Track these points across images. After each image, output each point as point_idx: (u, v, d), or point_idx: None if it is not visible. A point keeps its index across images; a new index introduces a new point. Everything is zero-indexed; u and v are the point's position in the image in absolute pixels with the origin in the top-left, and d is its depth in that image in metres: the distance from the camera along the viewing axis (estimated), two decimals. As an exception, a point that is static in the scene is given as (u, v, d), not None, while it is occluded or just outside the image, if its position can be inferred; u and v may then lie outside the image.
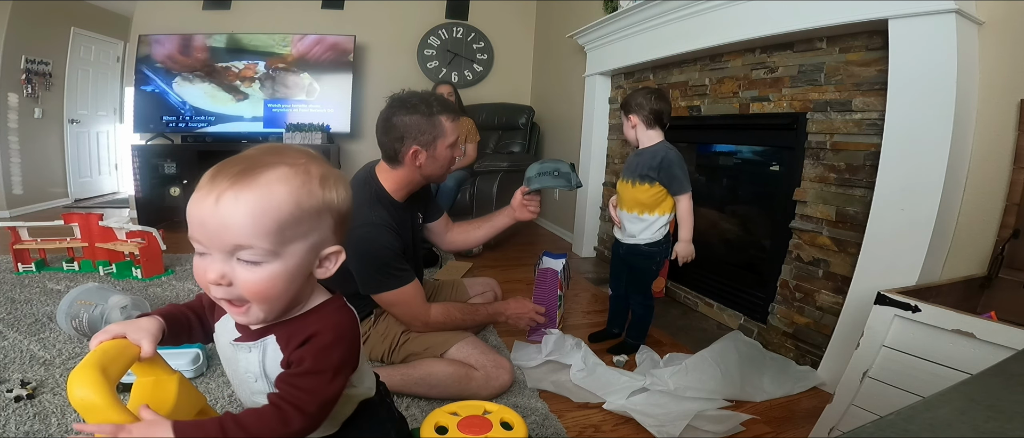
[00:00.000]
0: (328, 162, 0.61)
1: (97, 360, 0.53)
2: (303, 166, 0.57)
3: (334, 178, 0.59)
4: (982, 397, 0.44)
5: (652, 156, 1.56)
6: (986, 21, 1.29)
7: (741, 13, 1.83)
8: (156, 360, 0.63)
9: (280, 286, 0.56)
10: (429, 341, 1.41)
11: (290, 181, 0.54)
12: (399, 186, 1.38)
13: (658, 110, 1.57)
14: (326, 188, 0.57)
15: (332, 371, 0.58)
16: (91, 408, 0.50)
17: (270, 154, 0.57)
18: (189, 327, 0.69)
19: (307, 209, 0.55)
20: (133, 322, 0.60)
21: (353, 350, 0.62)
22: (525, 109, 3.82)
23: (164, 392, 0.63)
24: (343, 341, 0.60)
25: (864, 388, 1.14)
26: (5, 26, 3.62)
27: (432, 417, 0.86)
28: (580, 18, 3.13)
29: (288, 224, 0.54)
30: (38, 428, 1.14)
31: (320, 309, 0.62)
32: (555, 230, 3.83)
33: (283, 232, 0.54)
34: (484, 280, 1.87)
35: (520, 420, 0.86)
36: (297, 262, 0.56)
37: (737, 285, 2.07)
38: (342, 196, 0.59)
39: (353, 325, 0.63)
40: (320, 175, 0.57)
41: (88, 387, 0.50)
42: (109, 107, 5.06)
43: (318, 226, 0.57)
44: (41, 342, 1.57)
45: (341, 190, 0.59)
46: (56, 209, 4.13)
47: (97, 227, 2.29)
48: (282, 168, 0.55)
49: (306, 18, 3.84)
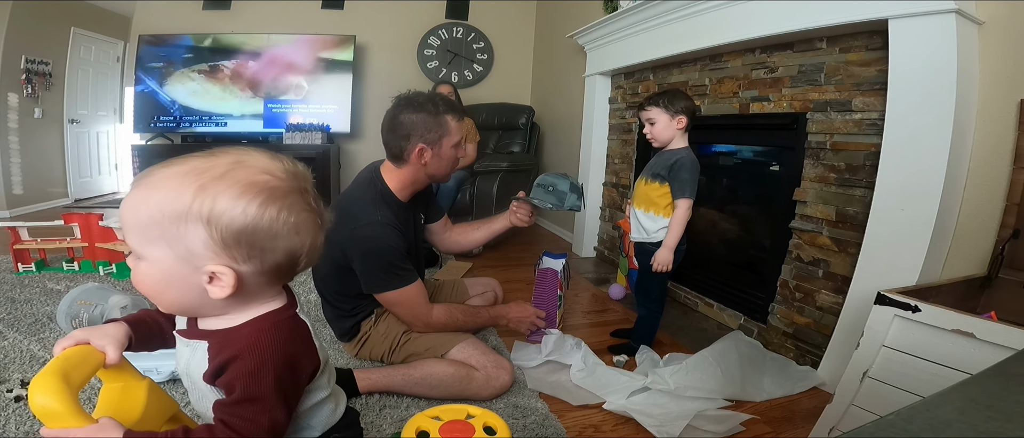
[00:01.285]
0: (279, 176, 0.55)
1: (58, 367, 0.52)
2: (197, 172, 0.52)
3: (239, 193, 0.52)
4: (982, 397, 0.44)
5: (670, 156, 1.56)
6: (986, 21, 1.29)
7: (741, 13, 1.83)
8: (124, 366, 0.62)
9: (153, 285, 0.55)
10: (430, 341, 1.41)
11: (166, 184, 0.52)
12: (403, 185, 1.39)
13: (690, 108, 1.56)
14: (200, 197, 0.51)
15: (266, 398, 0.54)
16: (52, 415, 0.50)
17: (197, 156, 0.54)
18: (161, 333, 0.67)
19: (168, 213, 0.51)
20: (98, 328, 0.60)
21: (288, 370, 0.57)
22: (525, 109, 3.82)
23: (132, 399, 0.62)
24: (267, 366, 0.55)
25: (864, 388, 1.15)
26: (5, 26, 3.62)
27: (413, 421, 0.83)
28: (580, 18, 3.13)
29: (146, 225, 0.52)
30: (38, 428, 1.14)
31: (249, 325, 0.58)
32: (555, 230, 3.83)
33: (143, 232, 0.53)
34: (484, 280, 1.87)
35: (503, 424, 0.84)
36: (165, 267, 0.53)
37: (737, 285, 2.07)
38: (237, 211, 0.51)
39: (279, 344, 0.57)
40: (201, 185, 0.51)
41: (48, 394, 0.50)
42: (109, 107, 5.05)
43: (181, 234, 0.51)
44: (41, 342, 1.57)
45: (238, 205, 0.51)
46: (56, 209, 4.13)
47: (97, 227, 2.29)
48: (173, 170, 0.53)
49: (306, 18, 3.84)
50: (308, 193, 0.57)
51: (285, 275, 0.59)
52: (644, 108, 1.59)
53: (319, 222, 0.58)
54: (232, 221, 0.52)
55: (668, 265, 1.54)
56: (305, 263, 0.59)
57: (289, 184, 0.56)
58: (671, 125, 1.55)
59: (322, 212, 0.60)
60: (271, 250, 0.55)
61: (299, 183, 0.57)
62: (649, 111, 1.57)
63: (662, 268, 1.55)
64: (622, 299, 2.31)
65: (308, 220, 0.56)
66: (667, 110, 1.54)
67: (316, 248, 0.59)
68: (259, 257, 0.54)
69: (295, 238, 0.56)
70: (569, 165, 3.47)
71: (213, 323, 0.59)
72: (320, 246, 0.60)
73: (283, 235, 0.55)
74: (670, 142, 1.58)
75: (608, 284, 2.47)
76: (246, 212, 0.52)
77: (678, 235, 1.54)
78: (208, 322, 0.60)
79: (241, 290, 0.55)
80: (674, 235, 1.53)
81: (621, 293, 2.32)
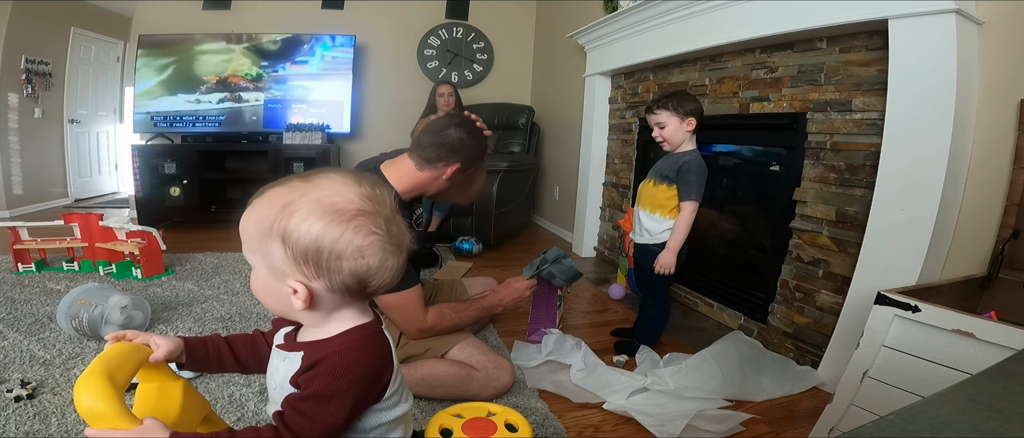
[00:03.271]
0: (349, 199, 0.57)
1: (103, 367, 0.52)
2: (287, 192, 0.57)
3: (308, 213, 0.55)
4: (982, 397, 0.44)
5: (678, 159, 1.55)
6: (986, 21, 1.29)
7: (741, 13, 1.83)
8: (160, 366, 0.63)
9: (257, 291, 0.61)
10: (430, 342, 1.41)
11: (264, 201, 0.58)
12: (412, 187, 1.38)
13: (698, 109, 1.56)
14: (282, 215, 0.55)
15: (337, 399, 0.56)
16: (98, 416, 0.50)
17: (297, 177, 0.59)
18: (218, 357, 0.70)
19: (261, 229, 0.56)
20: (155, 334, 0.65)
21: (367, 380, 0.59)
22: (525, 109, 3.82)
23: (169, 399, 0.63)
24: (350, 369, 0.58)
25: (864, 388, 1.15)
26: (5, 26, 3.62)
27: (436, 420, 0.86)
28: (580, 18, 3.13)
29: (249, 238, 0.58)
30: (38, 428, 1.14)
31: (340, 337, 0.61)
32: (555, 230, 3.83)
33: (248, 244, 0.59)
34: (484, 280, 1.87)
35: (525, 422, 0.86)
36: (262, 276, 0.59)
37: (737, 285, 2.07)
38: (303, 230, 0.55)
39: (366, 355, 0.60)
40: (287, 202, 0.56)
41: (94, 395, 0.50)
42: (109, 107, 5.06)
43: (267, 249, 0.56)
44: (41, 342, 1.57)
45: (305, 225, 0.55)
46: (56, 209, 4.13)
47: (97, 227, 2.29)
48: (274, 189, 0.58)
49: (306, 18, 3.84)
50: (379, 216, 0.58)
51: (357, 294, 0.60)
52: (653, 111, 1.57)
53: (390, 245, 0.58)
54: (300, 239, 0.55)
55: (671, 268, 1.54)
56: (377, 283, 0.59)
57: (359, 206, 0.57)
58: (681, 127, 1.54)
59: (398, 235, 0.60)
60: (337, 271, 0.56)
61: (373, 206, 0.58)
62: (658, 114, 1.56)
63: (665, 270, 1.55)
64: (622, 299, 2.31)
65: (375, 243, 0.57)
66: (677, 113, 1.53)
67: (388, 270, 0.59)
68: (326, 276, 0.56)
69: (360, 260, 0.57)
70: (569, 165, 3.48)
71: (309, 335, 0.63)
72: (393, 268, 0.60)
73: (347, 256, 0.56)
74: (681, 144, 1.57)
75: (608, 284, 2.47)
76: (310, 231, 0.55)
77: (682, 238, 1.53)
78: (305, 333, 0.64)
79: (319, 304, 0.59)
80: (678, 238, 1.53)
81: (621, 293, 2.32)
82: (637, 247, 1.65)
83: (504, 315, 2.00)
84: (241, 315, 1.90)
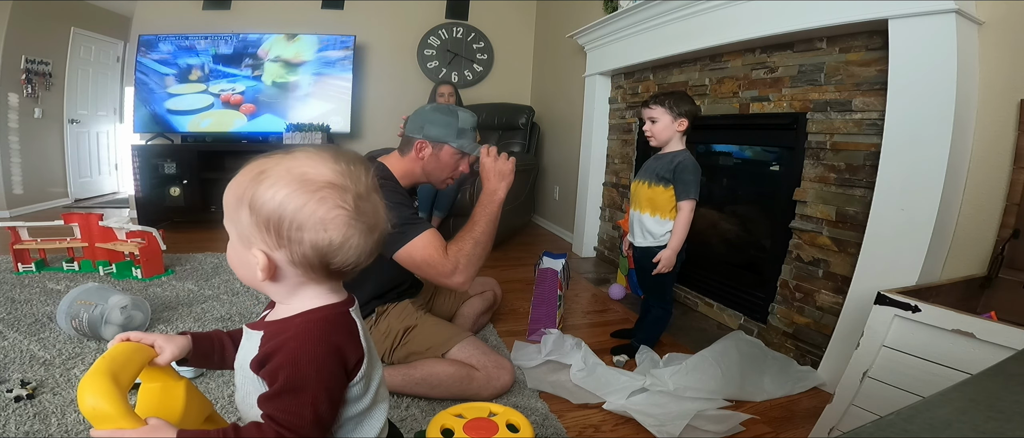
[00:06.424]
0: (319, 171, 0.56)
1: (107, 367, 0.52)
2: (265, 161, 0.57)
3: (275, 180, 0.55)
4: (982, 397, 0.44)
5: (671, 159, 1.56)
6: (986, 21, 1.29)
7: (741, 13, 1.83)
8: (163, 365, 0.63)
9: (231, 256, 0.61)
10: (430, 341, 1.41)
11: (242, 172, 0.58)
12: (401, 175, 1.42)
13: (693, 112, 1.57)
14: (255, 183, 0.55)
15: (311, 389, 0.55)
16: (103, 416, 0.49)
17: (278, 152, 0.59)
18: (222, 351, 0.70)
19: (235, 194, 0.57)
20: (162, 334, 0.65)
21: (332, 361, 0.57)
22: (525, 109, 3.82)
23: (172, 398, 0.62)
24: (310, 354, 0.56)
25: (864, 388, 1.15)
26: (5, 26, 3.62)
27: (438, 419, 0.86)
28: (580, 18, 3.13)
29: (227, 205, 0.58)
30: (38, 428, 1.14)
31: (300, 316, 0.59)
32: (555, 230, 3.83)
33: (227, 212, 0.59)
34: (484, 279, 1.87)
35: (526, 422, 0.86)
36: (233, 244, 0.60)
37: (737, 285, 2.07)
38: (268, 196, 0.54)
39: (326, 336, 0.58)
40: (262, 170, 0.56)
41: (98, 395, 0.50)
42: (109, 107, 5.06)
43: (240, 216, 0.57)
44: (41, 342, 1.57)
45: (271, 191, 0.54)
46: (56, 209, 4.13)
47: (97, 227, 2.29)
48: (256, 160, 0.58)
49: (306, 18, 3.84)
50: (348, 192, 0.56)
51: (320, 270, 0.58)
52: (648, 105, 1.59)
53: (356, 223, 0.57)
54: (264, 205, 0.55)
55: (671, 266, 1.55)
56: (341, 261, 0.57)
57: (330, 180, 0.56)
58: (672, 126, 1.56)
59: (370, 214, 0.58)
60: (297, 241, 0.55)
61: (344, 181, 0.56)
62: (653, 109, 1.57)
63: (666, 269, 1.55)
64: (622, 299, 2.31)
65: (340, 218, 0.55)
66: (671, 111, 1.55)
67: (352, 248, 0.57)
68: (288, 246, 0.56)
69: (322, 233, 0.55)
70: (569, 165, 3.48)
71: (277, 312, 0.62)
72: (359, 248, 0.58)
73: (309, 227, 0.55)
74: (668, 143, 1.59)
75: (608, 284, 2.47)
76: (274, 198, 0.55)
77: (682, 237, 1.54)
78: (275, 312, 0.63)
79: (281, 277, 0.58)
80: (678, 237, 1.54)
81: (621, 293, 2.32)
82: (639, 250, 1.65)
83: (504, 315, 2.00)
84: (241, 315, 1.90)
